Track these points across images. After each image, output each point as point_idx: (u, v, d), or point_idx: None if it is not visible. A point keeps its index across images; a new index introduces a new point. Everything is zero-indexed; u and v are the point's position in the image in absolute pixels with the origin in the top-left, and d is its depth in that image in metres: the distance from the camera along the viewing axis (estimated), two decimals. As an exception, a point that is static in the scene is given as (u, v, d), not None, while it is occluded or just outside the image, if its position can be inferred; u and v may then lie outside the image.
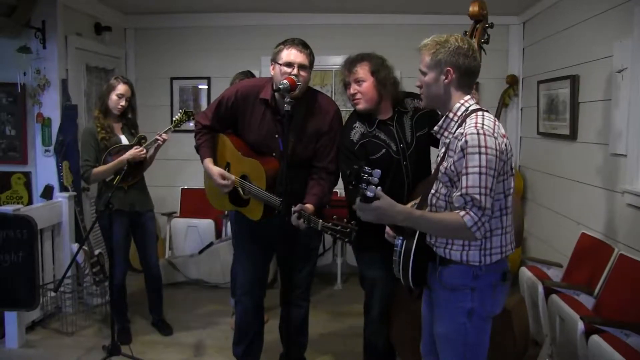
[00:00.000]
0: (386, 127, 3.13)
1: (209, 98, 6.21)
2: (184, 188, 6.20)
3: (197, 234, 5.79)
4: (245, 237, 3.47)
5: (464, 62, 2.27)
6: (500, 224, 2.29)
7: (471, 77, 2.33)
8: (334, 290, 5.67)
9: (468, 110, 2.29)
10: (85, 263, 4.62)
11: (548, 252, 4.83)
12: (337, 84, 6.04)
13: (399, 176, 3.12)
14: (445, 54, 2.27)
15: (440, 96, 2.34)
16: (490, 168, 2.14)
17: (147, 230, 4.35)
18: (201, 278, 5.68)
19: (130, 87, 4.20)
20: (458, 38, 2.30)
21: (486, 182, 2.14)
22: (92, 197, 5.38)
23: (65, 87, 5.00)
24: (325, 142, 3.23)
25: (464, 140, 2.17)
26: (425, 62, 2.33)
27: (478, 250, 2.28)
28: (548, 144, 5.04)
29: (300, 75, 3.07)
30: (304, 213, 2.91)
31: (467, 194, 2.15)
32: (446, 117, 2.35)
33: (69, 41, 5.08)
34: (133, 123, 4.32)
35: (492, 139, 2.16)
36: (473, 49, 2.31)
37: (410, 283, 2.42)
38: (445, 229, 2.25)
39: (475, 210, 2.15)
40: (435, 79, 2.31)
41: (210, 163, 3.33)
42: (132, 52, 6.31)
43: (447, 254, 2.33)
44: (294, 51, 3.10)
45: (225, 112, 3.31)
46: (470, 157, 2.15)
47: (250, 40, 6.12)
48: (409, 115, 3.15)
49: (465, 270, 2.31)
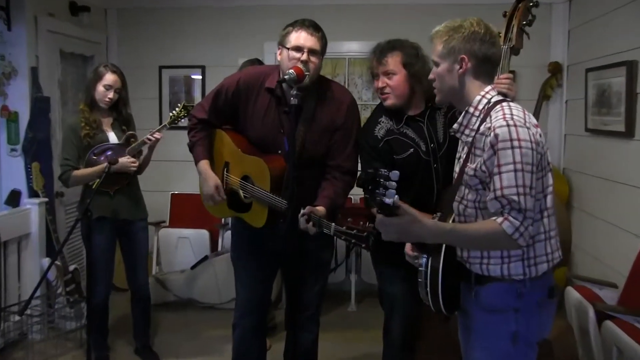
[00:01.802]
0: (416, 124, 3.14)
1: (203, 90, 6.22)
2: (174, 193, 6.21)
3: (190, 246, 5.79)
4: (246, 248, 3.45)
5: (481, 49, 2.30)
6: (542, 227, 2.29)
7: (491, 65, 2.36)
8: (348, 311, 5.66)
9: (491, 102, 2.31)
10: (58, 281, 4.62)
11: (600, 270, 4.77)
12: (350, 74, 6.10)
13: (428, 181, 3.11)
14: (458, 41, 2.31)
15: (455, 88, 2.37)
16: (526, 163, 2.14)
17: (137, 243, 4.35)
18: (194, 297, 5.66)
19: (120, 77, 4.20)
20: (474, 22, 2.33)
21: (523, 179, 2.13)
22: (67, 204, 5.40)
23: (36, 77, 5.00)
24: (339, 137, 3.23)
25: (493, 135, 2.17)
26: (438, 50, 2.37)
27: (520, 261, 2.27)
28: (598, 143, 4.99)
29: (311, 62, 3.08)
30: (313, 216, 2.91)
31: (502, 196, 2.14)
32: (466, 113, 2.37)
33: (40, 23, 5.07)
34: (125, 118, 4.32)
35: (525, 129, 2.17)
36: (491, 33, 2.33)
37: (442, 308, 2.40)
38: (483, 241, 2.23)
39: (515, 214, 2.13)
40: (449, 69, 2.35)
41: (207, 166, 3.34)
42: (114, 36, 6.32)
43: (484, 270, 2.31)
44: (303, 34, 3.11)
45: (224, 104, 3.32)
46: (502, 154, 2.15)
47: (251, 24, 6.12)
48: (443, 112, 3.16)
49: (507, 288, 2.29)
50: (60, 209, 5.31)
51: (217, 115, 3.36)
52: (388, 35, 3.20)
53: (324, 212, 3.00)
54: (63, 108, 5.51)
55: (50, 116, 5.09)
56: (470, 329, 2.42)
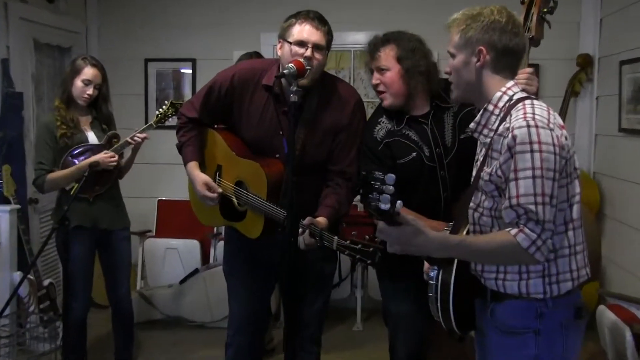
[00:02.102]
0: (419, 125, 3.12)
1: (194, 85, 6.24)
2: (162, 200, 6.21)
3: (178, 258, 5.80)
4: (240, 260, 3.46)
5: (501, 39, 2.29)
6: (566, 241, 2.27)
7: (512, 57, 2.35)
8: (353, 331, 5.66)
9: (512, 99, 2.30)
10: (31, 297, 4.61)
11: (635, 286, 4.75)
12: (356, 68, 6.10)
13: (434, 189, 3.10)
14: (476, 30, 2.29)
15: (472, 83, 2.36)
16: (547, 169, 2.12)
17: (118, 254, 4.35)
18: (182, 315, 5.67)
19: (101, 71, 4.20)
20: (495, 10, 2.32)
21: (543, 187, 2.11)
22: (42, 212, 5.40)
23: (7, 70, 5.01)
24: (342, 140, 3.23)
25: (511, 137, 2.15)
26: (454, 41, 2.36)
27: (540, 277, 2.25)
28: (634, 144, 4.98)
29: (315, 58, 3.08)
30: (314, 228, 2.90)
31: (518, 205, 2.12)
32: (484, 111, 2.35)
33: (10, 9, 5.08)
34: (106, 117, 4.32)
35: (547, 131, 2.14)
36: (515, 22, 2.32)
37: (454, 327, 2.39)
38: (495, 255, 2.22)
39: (532, 226, 2.11)
40: (466, 61, 2.34)
41: (195, 168, 3.34)
42: (94, 25, 6.34)
43: (499, 286, 2.30)
44: (308, 27, 3.10)
45: (217, 101, 3.32)
46: (520, 157, 2.13)
47: (247, 13, 6.14)
48: (452, 112, 3.13)
49: (525, 307, 2.27)
50: (34, 217, 5.32)
51: (209, 114, 3.37)
52: (397, 26, 3.17)
53: (326, 223, 3.00)
54: (37, 105, 5.52)
55: (24, 114, 5.10)
56: (486, 350, 2.41)
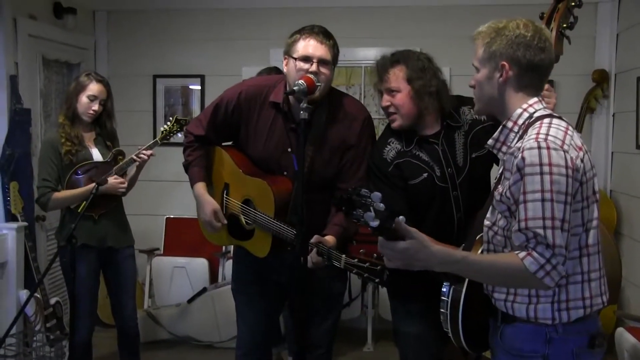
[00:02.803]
0: (430, 145, 3.09)
1: (202, 102, 6.24)
2: (170, 218, 6.21)
3: (186, 277, 5.80)
4: (249, 279, 3.46)
5: (525, 55, 2.26)
6: (579, 267, 2.23)
7: (537, 74, 2.31)
8: (364, 352, 5.64)
9: (533, 117, 2.27)
10: (37, 315, 4.60)
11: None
12: (367, 84, 6.08)
13: (447, 210, 3.07)
14: (500, 45, 2.28)
15: (495, 98, 2.34)
16: (558, 192, 2.09)
17: (123, 273, 4.35)
18: (190, 335, 5.66)
19: (105, 86, 4.22)
20: (521, 24, 2.29)
21: (552, 211, 2.08)
22: (49, 229, 5.41)
23: (15, 86, 5.02)
24: (351, 158, 3.23)
25: (521, 157, 2.14)
26: (478, 54, 2.34)
27: (550, 303, 2.22)
28: (651, 162, 4.95)
29: (321, 73, 3.08)
30: (322, 247, 2.90)
31: (527, 229, 2.10)
32: (503, 127, 2.34)
33: (20, 25, 5.11)
34: (110, 133, 4.33)
35: (560, 152, 2.12)
36: (541, 37, 2.28)
37: (464, 345, 2.38)
38: (499, 276, 2.20)
39: (542, 250, 2.08)
40: (489, 76, 2.32)
41: (203, 189, 3.36)
42: (103, 41, 6.36)
43: (509, 307, 2.28)
44: (312, 42, 3.11)
45: (224, 119, 3.33)
46: (529, 179, 2.11)
47: (256, 28, 6.15)
48: (463, 131, 3.11)
49: (534, 331, 2.25)
50: (41, 235, 5.32)
51: (216, 131, 3.38)
52: (408, 42, 3.20)
53: (334, 242, 3.00)
54: (45, 121, 5.54)
55: (31, 130, 5.11)
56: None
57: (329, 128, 3.22)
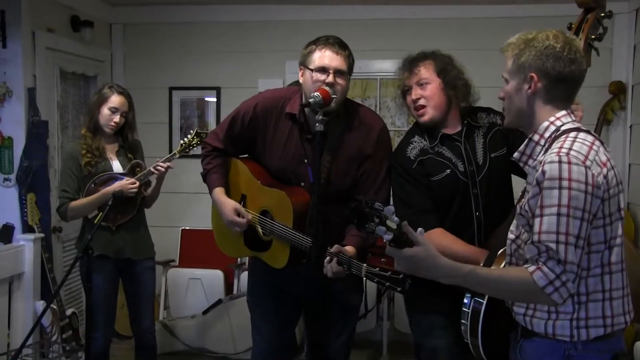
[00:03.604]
0: (452, 142, 3.13)
1: (218, 114, 6.26)
2: (185, 229, 6.22)
3: (202, 288, 5.80)
4: (265, 291, 3.45)
5: (555, 66, 2.24)
6: (600, 285, 2.21)
7: (567, 86, 2.29)
8: (380, 365, 5.60)
9: (559, 130, 2.25)
10: (54, 327, 4.61)
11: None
12: (382, 96, 6.09)
13: (467, 207, 3.09)
14: (529, 56, 2.26)
15: (523, 110, 2.32)
16: (575, 208, 2.07)
17: (141, 284, 4.35)
18: (205, 347, 5.65)
19: (127, 99, 4.24)
20: (550, 35, 2.27)
21: (567, 226, 2.06)
22: (65, 241, 5.42)
23: (33, 98, 5.04)
24: (368, 168, 3.23)
25: (541, 171, 2.12)
26: (507, 66, 2.33)
27: (569, 320, 2.21)
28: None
29: (337, 84, 3.10)
30: (342, 256, 2.89)
31: (539, 242, 2.09)
32: (529, 140, 2.32)
33: (38, 39, 5.13)
34: (132, 145, 4.36)
35: (581, 168, 2.09)
36: (572, 48, 2.26)
37: (483, 356, 2.38)
38: (507, 290, 2.20)
39: (552, 265, 2.07)
40: (518, 88, 2.30)
41: (222, 194, 3.35)
42: (119, 54, 6.40)
43: (527, 322, 2.27)
44: (328, 53, 3.13)
45: (240, 131, 3.35)
46: (547, 194, 2.09)
47: (271, 41, 6.17)
48: (482, 132, 3.17)
49: (552, 347, 2.24)
50: (57, 246, 5.32)
51: (233, 143, 3.39)
52: None
53: (354, 252, 2.99)
54: (62, 133, 5.55)
55: (48, 142, 5.13)
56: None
57: (346, 138, 3.22)
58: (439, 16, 5.96)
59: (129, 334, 4.58)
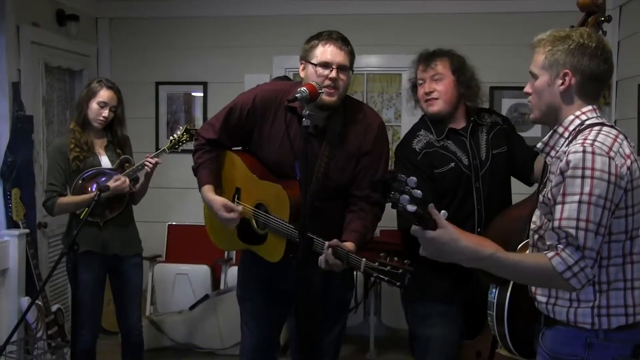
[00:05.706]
0: (458, 137, 3.28)
1: (205, 109, 6.25)
2: (172, 224, 6.23)
3: (189, 283, 5.78)
4: (255, 286, 3.42)
5: (589, 65, 2.27)
6: (622, 274, 2.23)
7: (598, 84, 2.33)
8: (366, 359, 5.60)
9: (584, 124, 2.28)
10: (39, 323, 4.57)
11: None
12: (368, 91, 6.15)
13: (469, 200, 3.22)
14: (564, 53, 2.29)
15: (553, 106, 2.35)
16: (598, 196, 2.09)
17: (129, 281, 4.33)
18: (193, 342, 5.65)
19: (116, 93, 4.23)
20: (585, 33, 2.31)
21: (588, 213, 2.09)
22: (51, 236, 5.41)
23: (17, 93, 5.00)
24: (366, 165, 3.23)
25: (565, 161, 2.16)
26: (539, 62, 2.35)
27: (590, 307, 2.23)
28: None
29: (340, 79, 3.12)
30: (340, 250, 2.88)
31: (559, 228, 2.11)
32: (554, 132, 2.36)
33: (22, 33, 5.10)
34: (121, 140, 4.33)
35: (605, 159, 2.12)
36: (604, 48, 2.30)
37: (512, 349, 2.46)
38: (526, 274, 2.22)
39: (571, 250, 2.09)
40: (549, 83, 2.33)
41: (210, 191, 3.33)
42: (105, 48, 6.36)
43: (550, 310, 2.30)
44: (331, 48, 3.13)
45: (237, 123, 3.32)
46: (570, 182, 2.13)
47: (258, 36, 6.15)
48: (485, 130, 3.34)
49: (574, 335, 2.25)
50: (42, 242, 5.29)
51: (229, 135, 3.36)
52: (412, 49, 3.32)
53: (353, 248, 2.98)
54: (47, 128, 5.52)
55: (33, 137, 5.09)
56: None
57: (345, 134, 3.23)
58: (425, 12, 5.93)
59: (116, 329, 4.58)
